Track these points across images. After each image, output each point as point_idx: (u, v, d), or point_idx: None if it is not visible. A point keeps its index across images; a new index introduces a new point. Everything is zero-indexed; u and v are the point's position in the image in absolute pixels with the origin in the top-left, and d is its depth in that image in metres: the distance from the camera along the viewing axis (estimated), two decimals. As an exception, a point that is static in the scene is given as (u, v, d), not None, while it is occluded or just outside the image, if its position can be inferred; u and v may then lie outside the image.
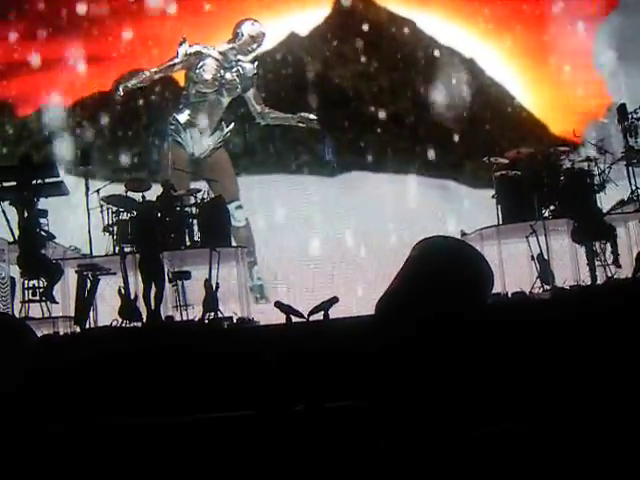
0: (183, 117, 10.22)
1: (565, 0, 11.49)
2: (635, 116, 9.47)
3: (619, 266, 8.44)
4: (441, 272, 1.98)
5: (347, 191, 10.49)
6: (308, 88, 10.87)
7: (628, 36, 11.47)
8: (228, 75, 10.24)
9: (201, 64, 10.15)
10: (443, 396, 1.87)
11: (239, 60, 10.30)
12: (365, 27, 11.21)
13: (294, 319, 5.86)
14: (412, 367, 1.88)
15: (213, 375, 5.37)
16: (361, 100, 11.06)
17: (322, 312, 5.82)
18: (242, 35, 10.26)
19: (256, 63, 10.42)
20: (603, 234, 8.60)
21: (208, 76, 10.15)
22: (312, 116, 10.35)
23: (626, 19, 11.59)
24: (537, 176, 9.05)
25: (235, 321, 8.19)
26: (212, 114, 10.23)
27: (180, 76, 10.51)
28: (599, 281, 8.42)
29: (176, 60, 10.13)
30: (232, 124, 10.31)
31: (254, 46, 10.32)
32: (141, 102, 10.83)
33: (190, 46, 10.14)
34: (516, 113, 11.25)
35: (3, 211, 8.51)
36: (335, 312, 5.66)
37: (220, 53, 10.25)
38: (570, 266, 8.85)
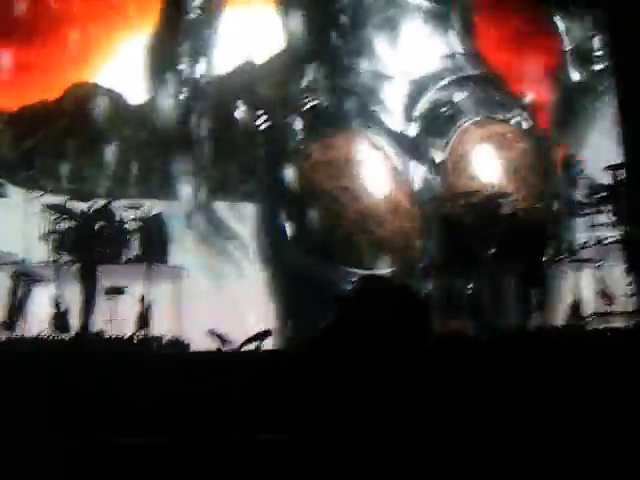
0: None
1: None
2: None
3: (542, 310, 8.57)
4: (376, 307, 2.01)
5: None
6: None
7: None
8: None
9: None
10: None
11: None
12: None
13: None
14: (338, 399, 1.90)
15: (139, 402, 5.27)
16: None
17: (254, 344, 5.79)
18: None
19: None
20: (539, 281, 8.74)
21: None
22: None
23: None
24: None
25: (165, 342, 8.11)
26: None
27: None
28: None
29: None
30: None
31: None
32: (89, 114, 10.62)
33: None
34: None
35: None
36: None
37: None
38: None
